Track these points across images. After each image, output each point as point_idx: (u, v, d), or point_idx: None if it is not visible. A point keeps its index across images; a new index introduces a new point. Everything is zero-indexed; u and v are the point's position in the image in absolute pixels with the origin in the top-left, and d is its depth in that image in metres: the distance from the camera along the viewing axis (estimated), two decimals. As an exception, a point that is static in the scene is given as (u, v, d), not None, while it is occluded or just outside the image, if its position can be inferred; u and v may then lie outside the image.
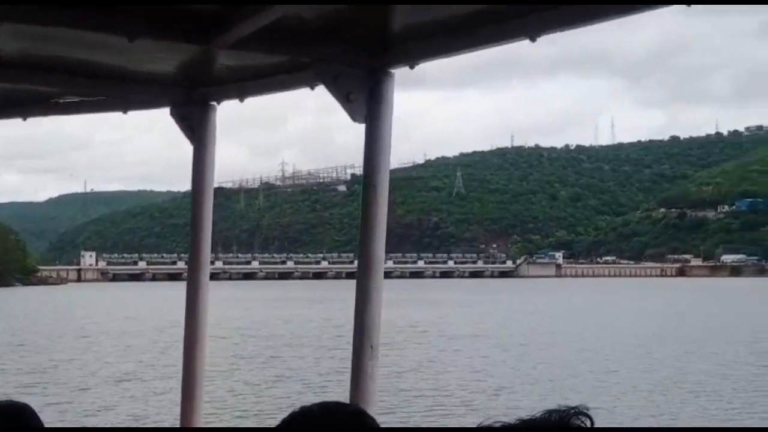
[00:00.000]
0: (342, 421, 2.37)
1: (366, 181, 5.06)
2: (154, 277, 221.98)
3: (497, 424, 2.16)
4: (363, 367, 4.96)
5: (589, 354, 52.30)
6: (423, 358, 50.80)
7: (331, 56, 4.89)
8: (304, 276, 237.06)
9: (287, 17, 4.49)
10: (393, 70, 4.97)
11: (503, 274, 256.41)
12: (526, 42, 4.22)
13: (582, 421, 2.08)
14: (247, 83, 5.86)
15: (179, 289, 7.15)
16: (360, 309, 5.03)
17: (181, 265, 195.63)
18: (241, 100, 6.02)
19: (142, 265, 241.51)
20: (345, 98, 4.92)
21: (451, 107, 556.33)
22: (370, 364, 4.96)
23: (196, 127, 6.21)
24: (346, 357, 5.13)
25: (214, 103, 6.19)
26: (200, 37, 4.72)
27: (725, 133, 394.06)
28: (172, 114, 6.23)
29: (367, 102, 4.93)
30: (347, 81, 4.91)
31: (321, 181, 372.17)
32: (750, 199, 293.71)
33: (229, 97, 6.11)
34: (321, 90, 5.08)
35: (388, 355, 50.74)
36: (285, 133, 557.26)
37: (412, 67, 4.92)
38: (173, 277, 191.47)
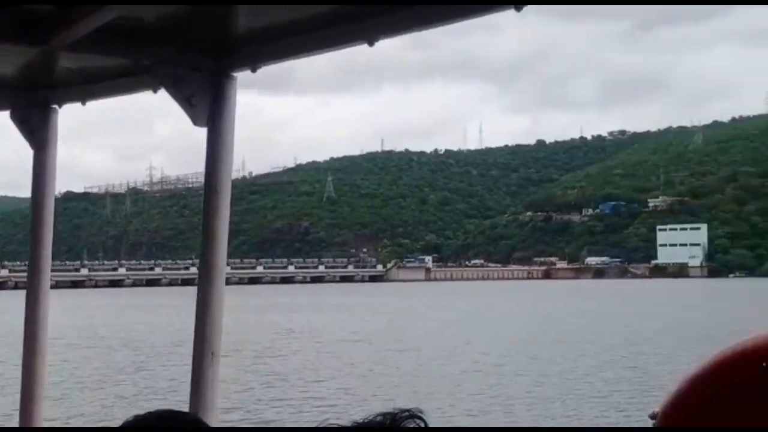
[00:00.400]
0: (175, 428, 2.32)
1: (207, 185, 5.00)
2: (17, 286, 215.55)
3: (333, 426, 2.16)
4: (203, 375, 4.92)
5: (458, 357, 52.66)
6: (296, 364, 50.41)
7: (171, 59, 4.83)
8: (172, 282, 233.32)
9: (125, 19, 4.42)
10: (235, 74, 4.94)
11: (373, 279, 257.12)
12: (398, 46, 4.33)
13: (416, 423, 2.07)
14: (89, 86, 5.66)
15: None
16: (201, 316, 4.98)
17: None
18: (84, 104, 5.81)
19: (3, 273, 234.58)
20: (186, 102, 4.87)
21: (323, 112, 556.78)
22: (211, 371, 4.93)
23: (37, 130, 5.98)
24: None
25: (56, 106, 5.96)
26: (36, 38, 4.61)
27: (589, 137, 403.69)
28: (12, 117, 5.99)
29: (209, 106, 4.89)
30: (188, 84, 4.86)
31: (190, 186, 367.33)
32: (613, 203, 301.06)
33: (71, 100, 5.89)
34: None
35: (266, 363, 50.28)
36: (152, 136, 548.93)
37: (254, 71, 4.88)
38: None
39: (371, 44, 4.26)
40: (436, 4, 4.00)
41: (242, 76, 4.99)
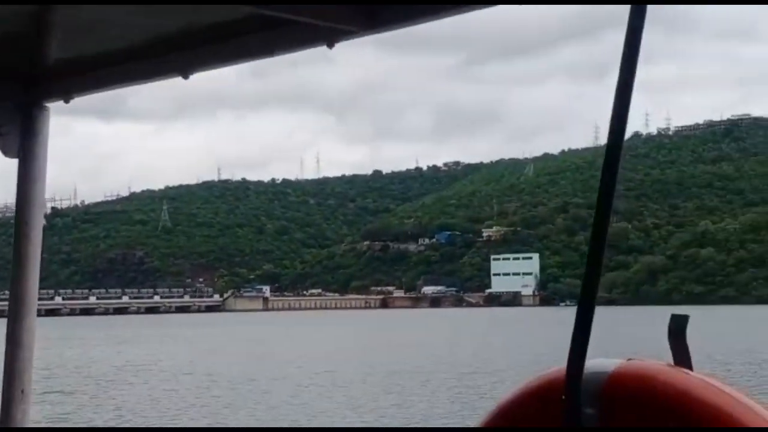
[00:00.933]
0: None
1: (18, 217, 4.92)
2: None
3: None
4: (12, 414, 4.81)
5: (297, 387, 52.55)
6: (134, 399, 49.42)
7: None
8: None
9: None
10: (48, 104, 4.90)
11: (210, 309, 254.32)
12: (234, 75, 4.40)
13: None
14: None
15: None
16: (10, 352, 4.86)
17: None
18: None
19: None
20: None
21: (158, 140, 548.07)
22: (21, 409, 4.83)
23: None
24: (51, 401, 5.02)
25: None
26: None
27: (425, 168, 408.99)
28: None
29: (20, 136, 4.84)
30: None
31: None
32: (449, 232, 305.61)
33: None
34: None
35: (102, 399, 49.12)
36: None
37: (67, 101, 4.86)
38: None
39: (186, 77, 4.34)
40: (251, 38, 4.06)
41: (76, 103, 4.93)
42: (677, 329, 2.73)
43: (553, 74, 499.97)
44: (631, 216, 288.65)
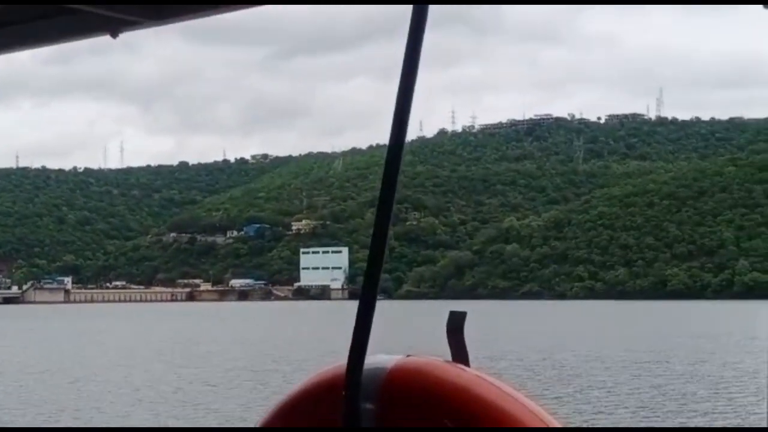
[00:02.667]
0: None
1: None
2: None
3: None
4: None
5: (89, 383, 50.39)
6: None
7: None
8: None
9: None
10: None
11: (8, 301, 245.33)
12: (35, 61, 4.33)
13: None
14: None
15: None
16: None
17: None
18: None
19: None
20: None
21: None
22: None
23: None
24: None
25: None
26: None
27: (233, 160, 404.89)
28: None
29: None
30: None
31: None
32: (257, 225, 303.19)
33: None
34: None
35: None
36: None
37: None
38: None
39: None
40: (31, 26, 3.96)
41: None
42: (455, 326, 2.74)
43: (360, 70, 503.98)
44: (438, 211, 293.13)
